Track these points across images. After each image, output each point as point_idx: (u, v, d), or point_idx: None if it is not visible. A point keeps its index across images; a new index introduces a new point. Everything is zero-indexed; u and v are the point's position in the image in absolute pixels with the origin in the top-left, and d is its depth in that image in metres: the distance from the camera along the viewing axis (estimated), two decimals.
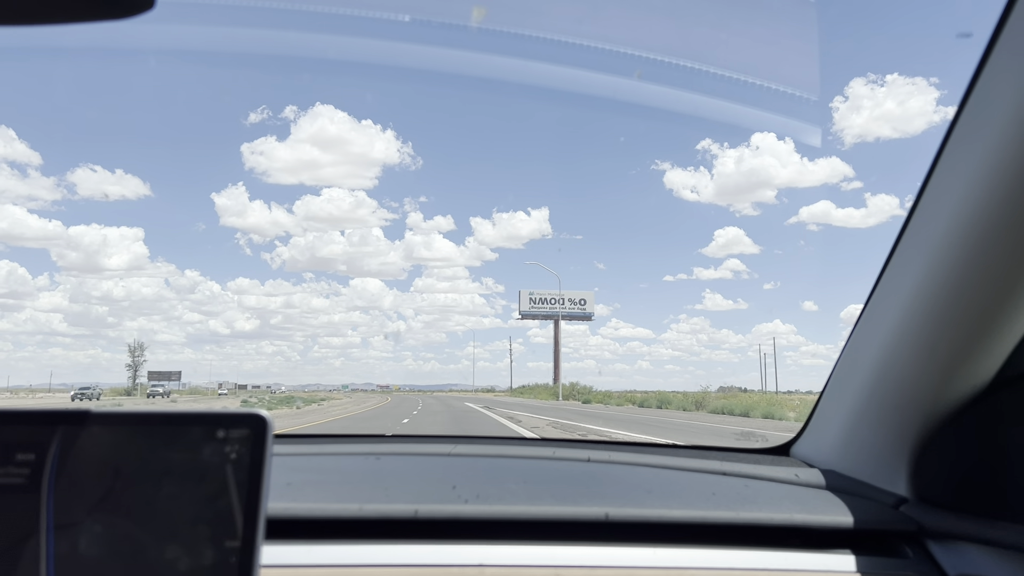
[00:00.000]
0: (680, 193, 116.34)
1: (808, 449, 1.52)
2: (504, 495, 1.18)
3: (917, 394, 1.10)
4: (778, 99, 2.21)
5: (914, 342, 1.06)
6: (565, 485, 1.26)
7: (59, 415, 0.71)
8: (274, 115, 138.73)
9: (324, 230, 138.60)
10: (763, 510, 1.14)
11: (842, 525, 1.12)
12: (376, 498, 1.13)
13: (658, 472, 1.41)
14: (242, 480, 0.68)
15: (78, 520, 0.68)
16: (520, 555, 1.05)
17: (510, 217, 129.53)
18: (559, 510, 1.12)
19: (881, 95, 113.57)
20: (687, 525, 1.11)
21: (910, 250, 1.06)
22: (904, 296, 1.06)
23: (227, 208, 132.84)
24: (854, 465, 1.32)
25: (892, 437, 1.18)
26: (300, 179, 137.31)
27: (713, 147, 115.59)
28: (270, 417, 0.71)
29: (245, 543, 0.67)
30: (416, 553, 1.04)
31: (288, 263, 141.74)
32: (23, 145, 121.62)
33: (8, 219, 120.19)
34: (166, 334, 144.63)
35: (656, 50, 2.58)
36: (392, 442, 1.66)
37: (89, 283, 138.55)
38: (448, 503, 1.13)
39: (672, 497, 1.20)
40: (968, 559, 1.05)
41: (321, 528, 1.09)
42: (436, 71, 24.40)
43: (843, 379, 1.33)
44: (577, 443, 1.67)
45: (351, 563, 1.02)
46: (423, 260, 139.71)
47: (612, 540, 1.08)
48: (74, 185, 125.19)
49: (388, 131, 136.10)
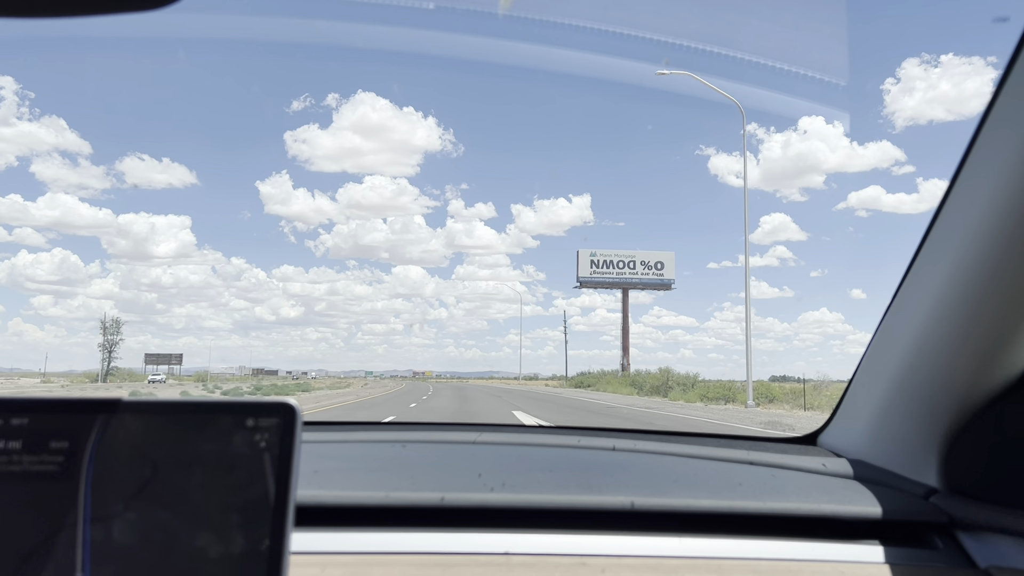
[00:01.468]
0: (725, 179, 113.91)
1: (836, 438, 1.51)
2: (530, 483, 1.18)
3: (949, 383, 1.08)
4: (806, 85, 2.16)
5: (947, 330, 1.05)
6: (591, 474, 1.26)
7: (92, 404, 0.72)
8: (316, 103, 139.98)
9: (367, 218, 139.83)
10: (790, 500, 1.13)
11: (871, 515, 1.11)
12: (402, 486, 1.14)
13: (684, 461, 1.40)
14: (272, 468, 0.69)
15: (112, 508, 0.69)
16: (546, 543, 1.05)
17: (551, 204, 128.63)
18: (585, 499, 1.12)
19: (935, 76, 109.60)
20: (714, 515, 1.11)
21: (945, 235, 1.04)
22: (938, 282, 1.04)
23: (271, 196, 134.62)
24: (883, 455, 1.30)
25: (922, 427, 1.17)
26: (343, 167, 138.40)
27: (759, 132, 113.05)
28: (299, 406, 0.71)
29: (275, 531, 0.68)
30: (442, 541, 1.05)
31: (332, 251, 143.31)
32: (74, 135, 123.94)
33: (61, 208, 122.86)
34: (213, 320, 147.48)
35: (684, 36, 2.54)
36: (418, 430, 1.67)
37: (139, 270, 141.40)
38: (474, 491, 1.13)
39: (698, 486, 1.20)
40: (999, 551, 1.03)
41: (348, 515, 1.10)
42: (477, 61, 23.98)
43: (873, 367, 1.31)
44: (602, 431, 1.66)
45: (378, 550, 1.03)
46: (464, 247, 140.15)
47: (638, 529, 1.08)
48: (123, 174, 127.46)
49: (430, 118, 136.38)
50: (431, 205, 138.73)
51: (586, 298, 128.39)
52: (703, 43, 6.79)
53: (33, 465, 0.70)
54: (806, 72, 3.97)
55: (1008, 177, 0.88)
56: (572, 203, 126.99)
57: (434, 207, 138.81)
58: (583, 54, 7.66)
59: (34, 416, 0.72)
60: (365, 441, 1.58)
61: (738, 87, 5.73)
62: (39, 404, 0.73)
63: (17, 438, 0.71)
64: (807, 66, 3.33)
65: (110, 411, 0.72)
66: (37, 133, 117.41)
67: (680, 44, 8.55)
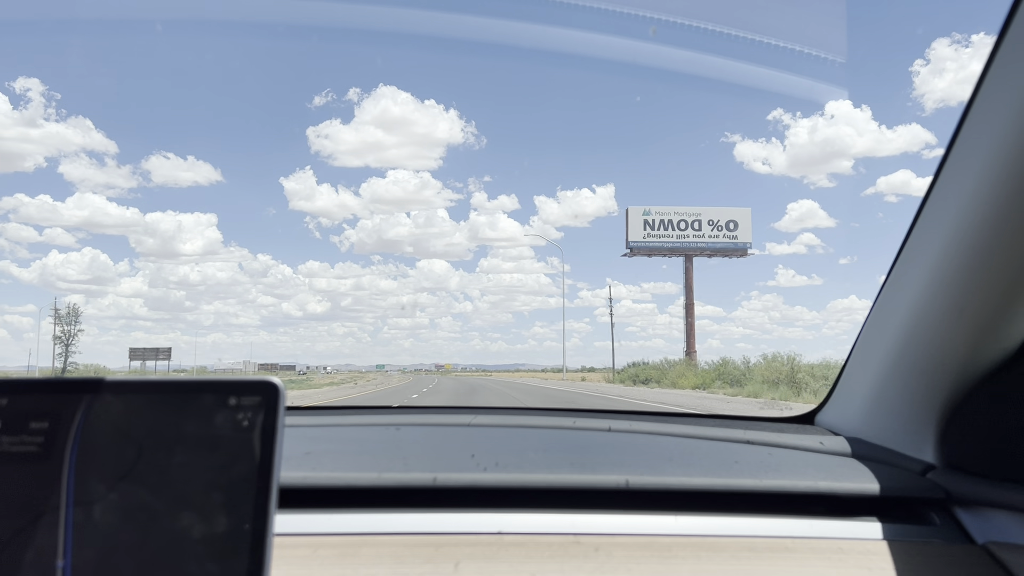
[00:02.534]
0: (751, 166, 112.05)
1: (833, 417, 1.50)
2: (523, 463, 1.17)
3: (945, 358, 1.07)
4: (832, 69, 2.11)
5: (942, 304, 1.03)
6: (584, 454, 1.25)
7: (74, 383, 0.71)
8: (338, 98, 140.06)
9: (390, 212, 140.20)
10: (787, 477, 1.12)
11: (867, 492, 1.10)
12: (395, 467, 1.13)
13: (679, 441, 1.40)
14: (255, 447, 0.68)
15: (95, 490, 0.68)
16: (539, 523, 1.04)
17: (575, 195, 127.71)
18: (578, 478, 1.11)
19: (966, 57, 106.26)
20: (709, 493, 1.10)
21: (938, 208, 1.02)
22: (932, 256, 1.03)
23: (296, 192, 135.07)
24: (880, 432, 1.29)
25: (919, 402, 1.16)
26: (365, 161, 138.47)
27: (785, 117, 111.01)
28: (282, 384, 0.70)
29: (258, 510, 0.67)
30: (434, 521, 1.04)
31: (356, 246, 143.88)
32: (100, 135, 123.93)
33: (89, 207, 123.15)
34: (242, 317, 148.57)
35: (710, 19, 2.49)
36: (411, 413, 1.66)
37: (167, 268, 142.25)
38: (467, 471, 1.12)
39: (693, 465, 1.19)
40: (997, 525, 1.03)
41: (339, 497, 1.09)
42: (498, 43, 23.58)
43: (869, 344, 1.30)
44: (598, 413, 1.66)
45: (369, 531, 1.02)
46: (488, 240, 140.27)
47: (632, 508, 1.07)
48: (149, 172, 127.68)
49: (451, 111, 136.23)
50: (454, 198, 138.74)
51: (611, 288, 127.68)
52: (730, 27, 6.63)
53: (13, 446, 0.69)
54: (832, 57, 3.87)
55: (1002, 147, 0.86)
56: (596, 193, 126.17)
57: (457, 200, 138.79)
58: (606, 37, 7.48)
59: (13, 397, 0.71)
60: (358, 425, 1.57)
61: (763, 71, 5.54)
62: (19, 385, 0.71)
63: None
64: (832, 50, 3.25)
65: (93, 391, 0.70)
66: (64, 134, 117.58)
67: (707, 28, 8.35)
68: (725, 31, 3.72)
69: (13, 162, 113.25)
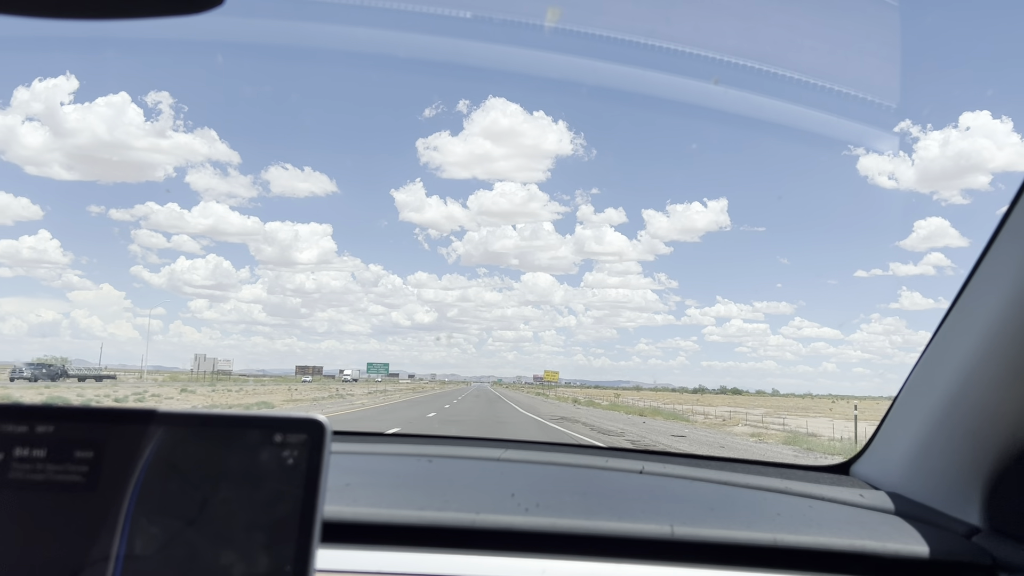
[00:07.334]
0: (875, 180, 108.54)
1: (871, 469, 1.46)
2: (562, 507, 1.15)
3: (996, 418, 1.04)
4: (852, 104, 2.09)
5: (998, 363, 1.01)
6: (622, 499, 1.23)
7: (120, 413, 0.71)
8: (448, 110, 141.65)
9: (497, 224, 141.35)
10: (830, 534, 1.09)
11: (914, 555, 1.07)
12: (433, 504, 1.12)
13: (718, 488, 1.37)
14: (298, 486, 0.67)
15: (139, 522, 0.68)
16: (582, 571, 1.02)
17: (685, 209, 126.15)
18: (622, 526, 1.08)
19: None
20: (752, 547, 1.07)
21: (999, 263, 1.00)
22: (990, 313, 1.00)
23: (406, 204, 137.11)
24: (922, 490, 1.26)
25: (966, 463, 1.12)
26: (473, 173, 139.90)
27: (914, 129, 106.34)
28: (328, 422, 0.70)
29: (300, 550, 0.66)
30: (474, 564, 1.02)
31: (463, 257, 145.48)
32: (224, 145, 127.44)
33: (213, 216, 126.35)
34: (353, 325, 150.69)
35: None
36: (444, 443, 1.65)
37: (284, 276, 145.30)
38: (507, 513, 1.11)
39: (734, 516, 1.16)
40: None
41: (377, 533, 1.07)
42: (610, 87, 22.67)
43: (914, 397, 1.27)
44: (630, 452, 1.63)
45: (407, 571, 1.00)
46: (593, 254, 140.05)
47: (672, 559, 1.05)
48: (268, 183, 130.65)
49: (560, 122, 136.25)
50: (560, 211, 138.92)
51: (721, 307, 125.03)
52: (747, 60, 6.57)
53: (57, 475, 0.69)
54: (853, 92, 3.71)
55: None
56: (707, 207, 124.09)
57: (564, 213, 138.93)
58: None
59: (59, 424, 0.71)
60: (391, 454, 1.57)
61: (771, 103, 5.36)
62: (65, 412, 0.71)
63: (42, 446, 0.70)
64: (854, 85, 3.14)
65: (141, 422, 0.70)
66: (191, 144, 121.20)
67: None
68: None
69: (144, 171, 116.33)
